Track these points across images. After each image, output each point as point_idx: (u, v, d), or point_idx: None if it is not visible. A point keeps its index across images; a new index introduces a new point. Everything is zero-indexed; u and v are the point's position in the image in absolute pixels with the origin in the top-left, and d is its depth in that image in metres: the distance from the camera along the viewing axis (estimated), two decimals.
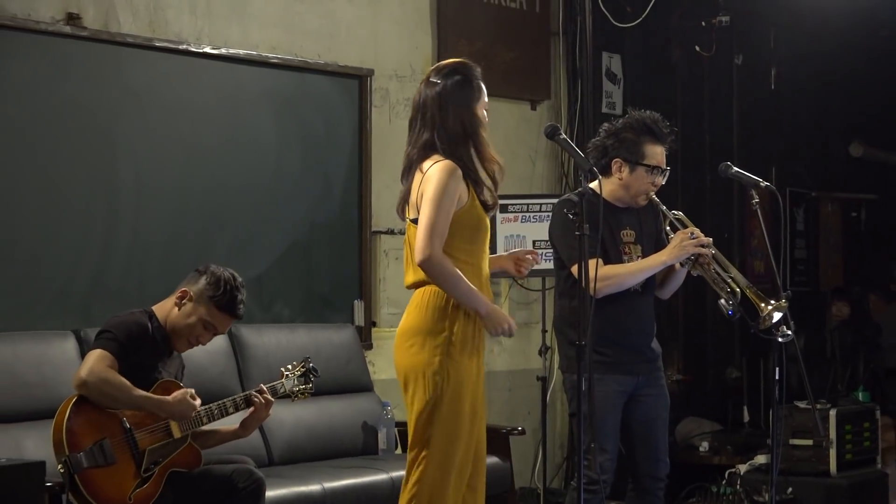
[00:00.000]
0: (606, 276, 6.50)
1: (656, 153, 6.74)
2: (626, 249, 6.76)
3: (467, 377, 5.82)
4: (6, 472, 5.27)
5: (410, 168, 5.87)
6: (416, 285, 5.83)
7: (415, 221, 5.75)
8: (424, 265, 5.67)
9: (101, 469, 5.98)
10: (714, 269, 6.73)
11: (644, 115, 6.80)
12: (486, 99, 5.93)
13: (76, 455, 5.91)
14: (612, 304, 6.62)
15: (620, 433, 6.84)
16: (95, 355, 6.12)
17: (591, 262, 6.10)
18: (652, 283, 6.84)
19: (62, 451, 5.92)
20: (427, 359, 5.74)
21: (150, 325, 6.32)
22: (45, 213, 7.39)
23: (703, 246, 6.64)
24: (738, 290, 6.71)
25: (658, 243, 6.86)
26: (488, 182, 5.89)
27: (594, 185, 6.39)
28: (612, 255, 6.71)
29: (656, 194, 6.82)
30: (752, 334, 6.81)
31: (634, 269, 6.71)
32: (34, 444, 6.51)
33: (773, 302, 6.61)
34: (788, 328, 6.67)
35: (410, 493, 5.80)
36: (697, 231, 6.69)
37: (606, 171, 6.74)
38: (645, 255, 6.81)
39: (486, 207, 5.85)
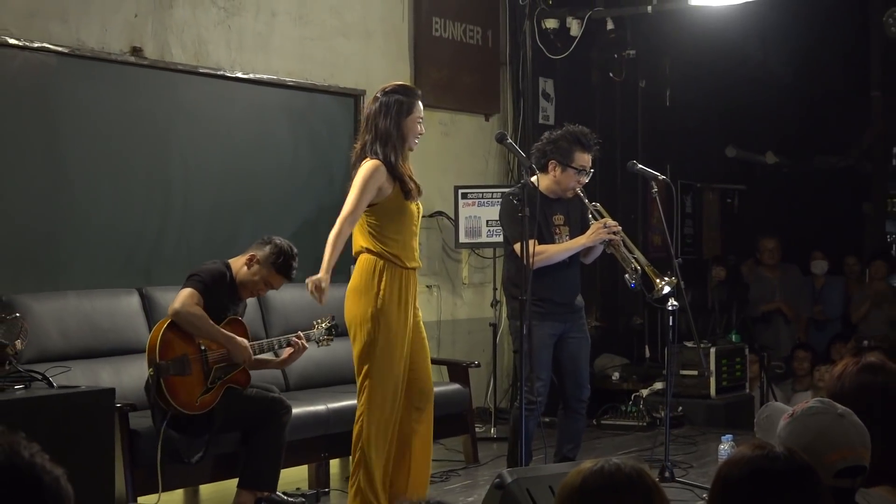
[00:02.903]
0: (539, 252, 6.57)
1: (584, 159, 6.81)
2: (557, 231, 6.87)
3: (398, 324, 5.91)
4: (85, 395, 5.25)
5: (355, 165, 6.03)
6: (357, 254, 6.00)
7: None
8: (336, 225, 5.93)
9: (180, 377, 6.12)
10: (623, 250, 6.82)
11: (577, 129, 6.88)
12: (420, 114, 6.08)
13: (164, 363, 6.04)
14: (547, 270, 6.69)
15: (552, 367, 6.89)
16: (187, 292, 6.25)
17: (529, 242, 6.20)
18: (576, 255, 6.89)
19: (154, 357, 6.06)
20: (363, 311, 5.90)
21: (227, 274, 6.46)
22: (115, 200, 7.38)
23: (613, 233, 6.72)
24: (639, 267, 6.79)
25: (582, 226, 6.92)
26: (412, 178, 6.02)
27: (534, 179, 6.51)
28: (546, 234, 6.80)
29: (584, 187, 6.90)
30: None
31: (561, 249, 6.81)
32: (107, 375, 6.52)
33: (665, 279, 6.74)
34: (676, 300, 6.79)
35: (360, 410, 6.04)
36: (611, 221, 6.80)
37: (544, 169, 6.82)
38: (571, 235, 6.88)
39: (408, 196, 5.95)
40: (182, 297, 6.21)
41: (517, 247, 6.33)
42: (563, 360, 6.93)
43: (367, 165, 5.87)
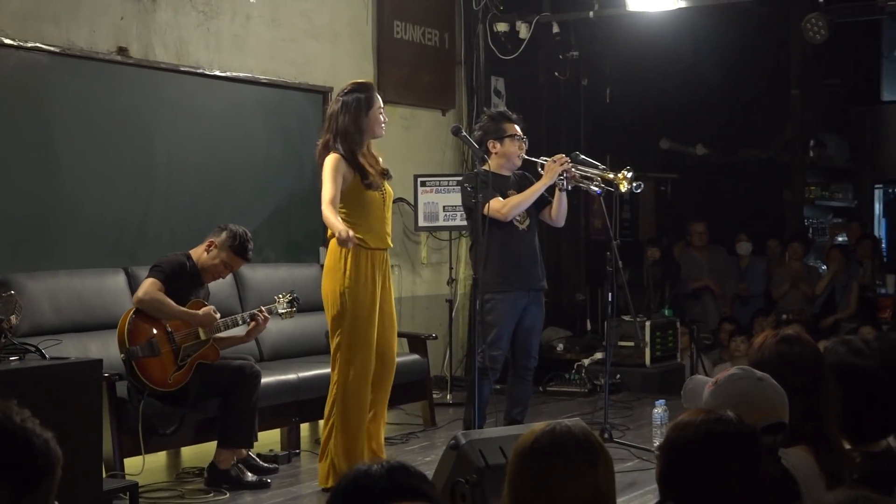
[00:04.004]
0: (506, 203, 6.71)
1: (512, 127, 6.94)
2: None
3: (365, 299, 5.92)
4: (75, 366, 5.21)
5: (319, 160, 6.04)
6: (330, 238, 6.00)
7: None
8: (323, 213, 5.84)
9: (150, 358, 6.11)
10: (580, 174, 6.88)
11: (498, 109, 7.05)
12: (380, 105, 6.11)
13: (134, 348, 6.03)
14: (510, 240, 6.79)
15: None
16: (149, 281, 6.24)
17: (496, 199, 6.57)
18: (535, 224, 6.95)
19: (124, 345, 6.07)
20: (333, 288, 5.91)
21: (187, 263, 6.41)
22: (103, 187, 7.35)
23: (563, 164, 6.80)
24: (597, 178, 6.90)
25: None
26: (374, 167, 6.02)
27: (486, 166, 6.57)
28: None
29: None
30: (593, 271, 6.93)
31: (527, 194, 6.86)
32: (96, 347, 6.49)
33: (620, 174, 6.87)
34: (639, 183, 7.04)
35: (334, 380, 6.06)
36: (557, 155, 6.85)
37: (488, 153, 6.83)
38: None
39: (370, 186, 5.96)
40: (145, 286, 6.21)
41: (485, 210, 6.41)
42: (518, 331, 6.93)
43: (329, 159, 5.94)
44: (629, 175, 6.88)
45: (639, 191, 7.13)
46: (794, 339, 3.38)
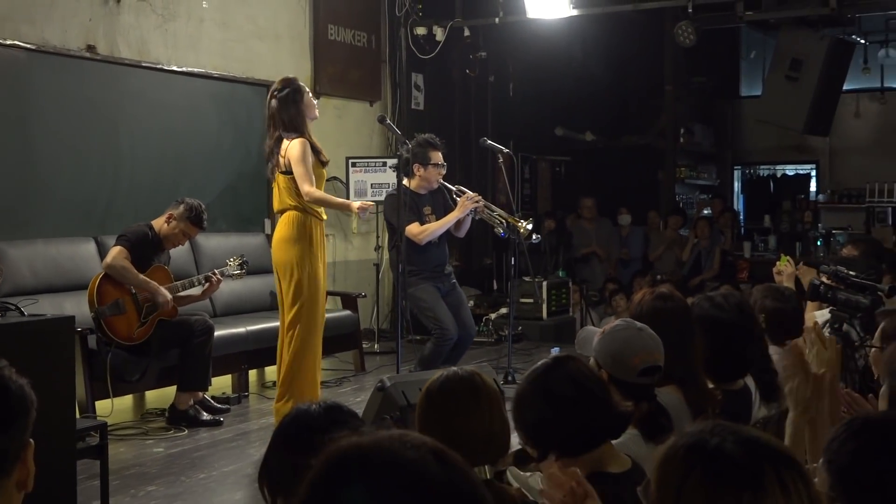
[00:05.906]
0: (423, 230, 6.64)
1: (437, 156, 6.83)
2: (428, 220, 6.81)
3: (320, 263, 5.87)
4: (51, 322, 5.11)
5: (271, 153, 5.86)
6: (282, 210, 5.88)
7: (283, 173, 5.80)
8: (308, 197, 5.69)
9: (117, 317, 6.07)
10: (487, 212, 6.85)
11: (426, 136, 6.93)
12: (308, 92, 5.97)
13: (102, 307, 6.00)
14: (425, 251, 6.72)
15: None
16: (116, 249, 6.18)
17: (415, 225, 6.47)
18: (445, 235, 6.89)
19: (93, 305, 6.02)
20: (294, 256, 5.78)
21: (149, 232, 6.35)
22: (75, 168, 7.23)
23: (476, 202, 6.74)
24: (504, 220, 6.86)
25: (445, 211, 6.92)
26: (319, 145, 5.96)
27: (406, 183, 6.55)
28: (423, 222, 6.75)
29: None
30: (499, 239, 6.95)
31: (441, 224, 6.80)
32: (70, 305, 6.39)
33: (523, 221, 6.84)
34: (537, 236, 6.92)
35: (295, 334, 5.87)
36: (472, 194, 6.80)
37: (411, 174, 6.78)
38: (438, 220, 6.86)
39: (323, 164, 5.90)
40: (112, 254, 6.15)
41: (406, 232, 6.39)
42: (451, 311, 6.90)
43: (297, 143, 5.72)
44: (529, 227, 6.90)
45: (537, 242, 7.17)
46: (667, 295, 3.42)
